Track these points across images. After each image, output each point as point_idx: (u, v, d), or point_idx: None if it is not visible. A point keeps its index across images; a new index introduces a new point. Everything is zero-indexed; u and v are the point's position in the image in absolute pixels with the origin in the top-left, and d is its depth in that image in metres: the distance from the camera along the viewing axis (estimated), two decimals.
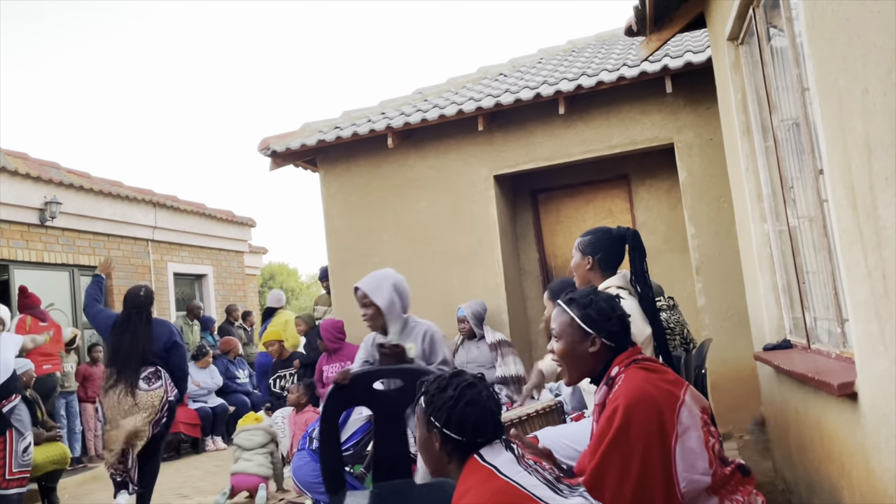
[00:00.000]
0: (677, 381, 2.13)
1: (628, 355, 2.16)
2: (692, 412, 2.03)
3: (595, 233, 3.09)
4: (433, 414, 1.92)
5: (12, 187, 8.00)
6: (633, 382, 2.05)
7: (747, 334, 5.24)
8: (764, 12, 3.43)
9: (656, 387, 2.04)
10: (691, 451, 1.98)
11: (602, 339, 2.16)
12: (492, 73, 7.92)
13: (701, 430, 2.01)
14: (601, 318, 2.16)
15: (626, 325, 2.21)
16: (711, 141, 5.82)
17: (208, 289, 11.71)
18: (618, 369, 2.13)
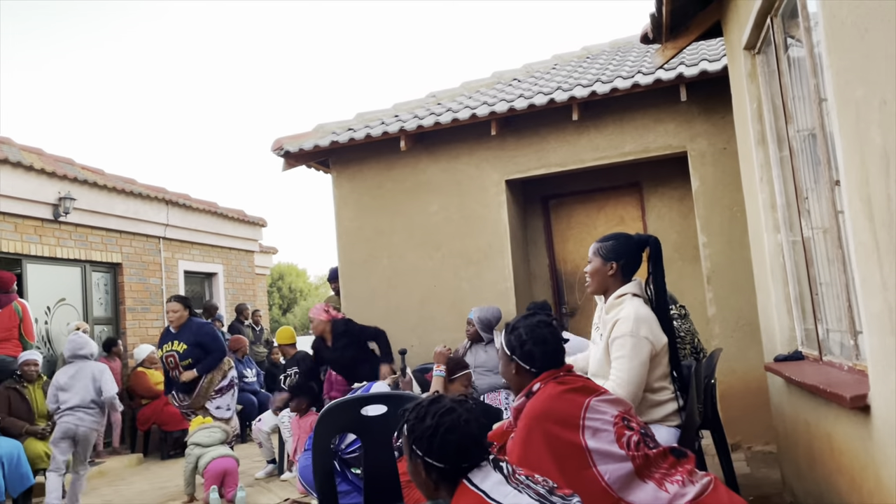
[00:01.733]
0: (586, 389, 2.32)
1: (551, 374, 2.36)
2: (600, 413, 2.22)
3: (617, 238, 3.05)
4: (415, 443, 1.94)
5: (27, 182, 8.06)
6: (538, 398, 2.29)
7: (757, 345, 5.21)
8: (782, 22, 3.42)
9: (560, 398, 2.24)
10: (602, 447, 2.15)
11: (518, 361, 2.41)
12: (506, 77, 7.93)
13: (612, 428, 2.19)
14: (517, 343, 2.43)
15: (547, 350, 2.39)
16: (725, 150, 5.80)
17: (218, 287, 11.75)
18: (539, 385, 2.34)
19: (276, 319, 29.56)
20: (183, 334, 6.31)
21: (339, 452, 4.11)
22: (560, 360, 2.42)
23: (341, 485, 3.99)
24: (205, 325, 6.50)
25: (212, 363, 6.35)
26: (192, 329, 6.36)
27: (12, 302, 7.29)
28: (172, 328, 6.39)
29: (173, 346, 6.29)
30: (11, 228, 7.99)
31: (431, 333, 6.48)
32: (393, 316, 6.71)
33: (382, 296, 6.78)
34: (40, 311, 8.34)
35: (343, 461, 4.12)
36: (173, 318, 6.34)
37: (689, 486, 2.13)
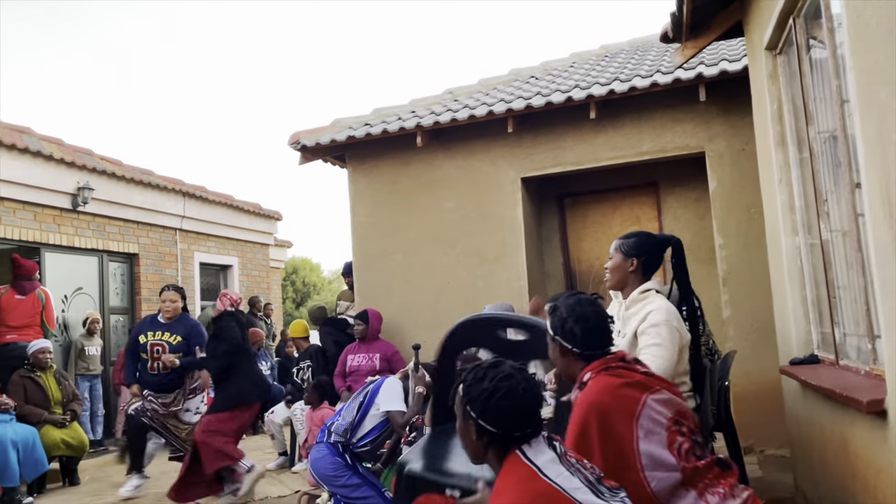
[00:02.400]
0: (642, 385, 2.17)
1: (603, 362, 2.22)
2: (656, 416, 2.10)
3: (639, 236, 3.08)
4: (469, 404, 1.90)
5: (47, 171, 8.14)
6: (592, 389, 2.15)
7: (772, 348, 5.17)
8: (804, 22, 3.39)
9: (613, 394, 2.11)
10: (654, 452, 2.04)
11: (560, 341, 2.29)
12: (523, 75, 7.91)
13: (664, 432, 2.08)
14: (559, 323, 2.31)
15: (588, 328, 2.26)
16: (743, 151, 5.76)
17: (233, 280, 11.82)
18: (589, 375, 2.20)
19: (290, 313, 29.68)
20: (176, 327, 5.92)
21: (351, 447, 4.13)
22: (606, 341, 2.29)
23: (352, 478, 4.01)
24: (198, 324, 6.10)
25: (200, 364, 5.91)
26: (186, 324, 5.98)
27: (36, 289, 7.39)
28: (163, 318, 5.97)
29: (163, 336, 5.87)
30: (31, 217, 8.08)
31: (444, 329, 6.44)
32: (406, 312, 6.72)
33: (396, 292, 6.80)
34: (57, 300, 8.43)
35: (354, 455, 4.14)
36: (169, 309, 5.94)
37: (729, 501, 2.05)
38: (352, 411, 4.14)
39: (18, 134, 8.52)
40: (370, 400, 4.13)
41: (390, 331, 6.61)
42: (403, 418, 3.99)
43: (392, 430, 4.12)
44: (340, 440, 4.10)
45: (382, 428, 4.13)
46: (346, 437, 4.10)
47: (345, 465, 4.04)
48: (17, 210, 7.90)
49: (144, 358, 5.84)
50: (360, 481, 3.99)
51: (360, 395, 4.21)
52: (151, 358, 5.82)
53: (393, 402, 4.04)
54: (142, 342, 5.85)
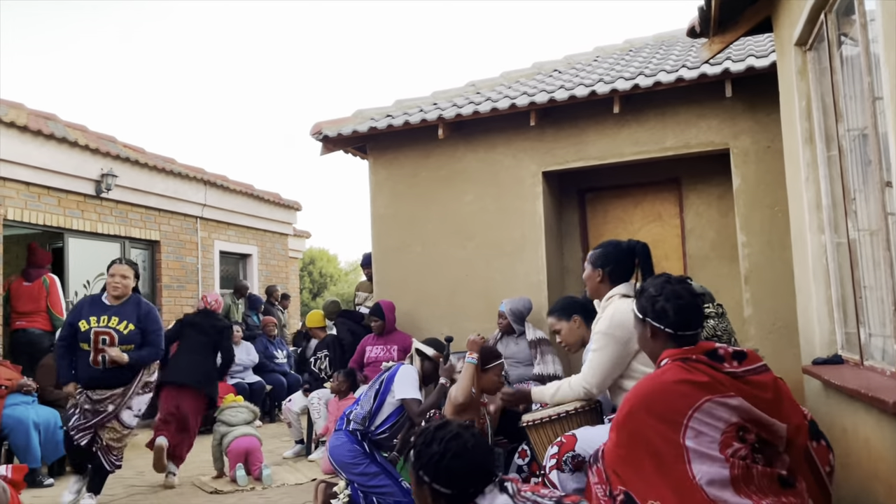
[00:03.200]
0: (708, 387, 2.10)
1: (685, 351, 2.17)
2: (713, 418, 2.05)
3: (606, 246, 3.21)
4: (422, 469, 1.93)
5: (71, 158, 8.23)
6: (651, 378, 2.13)
7: (793, 347, 5.12)
8: (836, 18, 3.34)
9: (665, 389, 2.08)
10: (701, 450, 2.01)
11: (651, 322, 2.24)
12: (546, 68, 7.87)
13: (719, 436, 2.03)
14: (648, 303, 2.27)
15: (681, 306, 2.22)
16: (769, 148, 5.70)
17: (252, 269, 11.90)
18: (666, 361, 2.17)
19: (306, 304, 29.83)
20: (126, 311, 4.96)
21: (370, 434, 4.14)
22: (698, 321, 2.25)
23: (370, 466, 4.03)
24: (153, 309, 5.18)
25: (150, 357, 5.06)
26: (138, 309, 5.02)
27: (42, 276, 7.52)
28: (110, 300, 4.98)
29: (111, 322, 4.88)
30: (55, 203, 8.18)
31: (461, 322, 6.49)
32: (424, 304, 6.73)
33: (414, 283, 6.81)
34: (79, 285, 8.54)
35: (373, 443, 4.16)
36: (118, 287, 4.92)
37: None
38: (369, 400, 4.16)
39: (44, 120, 8.62)
40: (386, 387, 4.14)
41: (407, 322, 6.63)
42: (419, 407, 4.00)
43: (409, 417, 4.15)
44: (359, 428, 4.12)
45: (399, 414, 4.14)
46: (364, 425, 4.11)
47: (363, 452, 4.06)
48: (41, 195, 8.00)
49: (85, 349, 4.84)
50: (378, 469, 4.01)
51: (377, 383, 4.22)
52: (95, 349, 4.83)
53: (407, 389, 4.05)
54: (83, 329, 4.83)
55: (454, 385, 3.69)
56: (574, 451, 2.91)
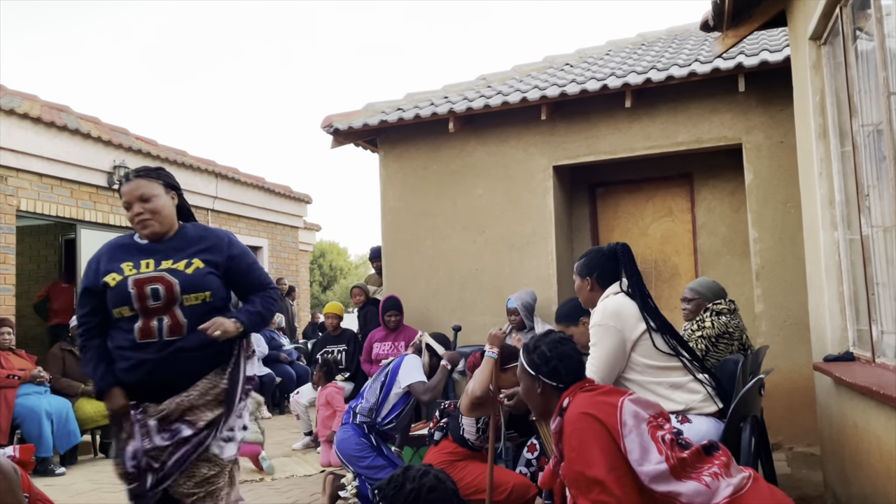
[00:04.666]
0: (615, 391, 2.35)
1: (577, 386, 2.37)
2: (632, 413, 2.22)
3: (587, 254, 3.25)
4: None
5: (84, 150, 8.28)
6: (574, 406, 2.29)
7: (804, 344, 5.10)
8: (851, 12, 3.31)
9: (594, 402, 2.26)
10: (639, 446, 2.15)
11: (543, 379, 2.40)
12: (558, 62, 7.84)
13: (646, 427, 2.19)
14: (541, 361, 2.42)
15: (571, 365, 2.41)
16: (782, 143, 5.66)
17: (262, 261, 11.94)
18: (568, 399, 2.33)
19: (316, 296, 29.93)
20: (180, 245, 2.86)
21: (377, 426, 4.16)
22: (582, 373, 2.45)
23: (377, 459, 4.05)
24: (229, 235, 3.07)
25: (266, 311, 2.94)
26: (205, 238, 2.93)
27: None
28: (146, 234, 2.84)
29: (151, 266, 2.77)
30: (67, 194, 8.23)
31: (471, 316, 6.50)
32: (434, 297, 6.73)
33: (424, 277, 6.81)
34: None
35: (380, 435, 4.18)
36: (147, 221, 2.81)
37: (726, 479, 2.12)
38: (375, 392, 4.19)
39: (57, 112, 8.68)
40: (391, 379, 4.17)
41: (417, 316, 6.64)
42: (424, 387, 4.05)
43: (413, 404, 4.18)
44: (366, 420, 4.14)
45: (405, 403, 4.18)
46: (371, 418, 4.14)
47: (370, 446, 4.08)
48: (54, 187, 8.05)
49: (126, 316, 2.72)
50: (385, 462, 4.02)
51: (382, 375, 4.25)
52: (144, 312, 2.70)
53: (413, 375, 4.10)
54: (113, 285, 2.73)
55: (471, 380, 3.68)
56: None
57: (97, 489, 5.49)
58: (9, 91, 8.49)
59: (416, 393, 4.10)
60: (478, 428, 3.74)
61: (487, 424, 3.67)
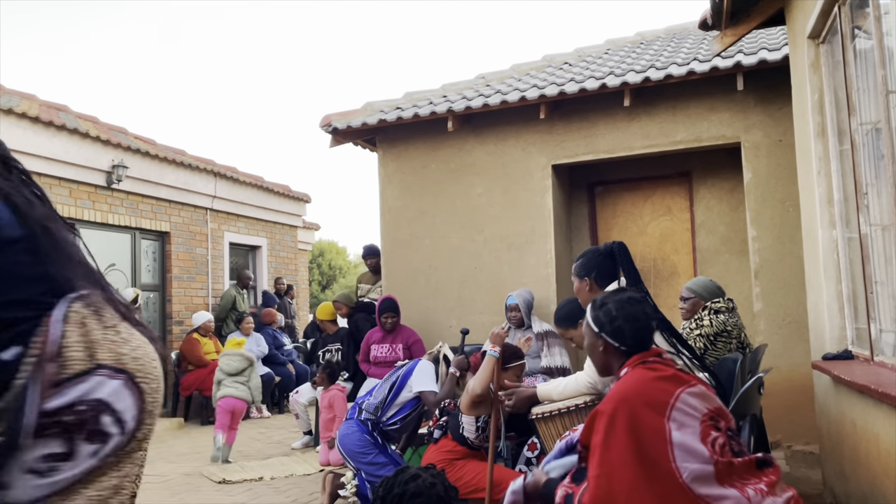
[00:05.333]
0: (677, 379, 2.18)
1: (640, 357, 2.24)
2: (690, 407, 2.10)
3: (584, 255, 3.25)
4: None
5: (82, 149, 8.27)
6: (626, 381, 2.17)
7: (803, 343, 5.10)
8: (849, 10, 3.31)
9: (646, 386, 2.13)
10: (686, 442, 2.03)
11: (606, 338, 2.29)
12: (556, 61, 7.84)
13: (698, 426, 2.07)
14: (606, 319, 2.30)
15: (637, 328, 2.28)
16: (781, 142, 5.66)
17: (261, 260, 11.94)
18: (626, 370, 2.23)
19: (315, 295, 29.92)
20: None
21: (381, 424, 4.17)
22: (649, 341, 2.32)
23: (378, 457, 4.05)
24: None
25: None
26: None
27: None
28: None
29: None
30: (66, 193, 8.22)
31: (470, 315, 6.50)
32: (433, 296, 6.73)
33: (423, 276, 6.81)
34: None
35: (383, 433, 4.19)
36: None
37: (771, 498, 2.00)
38: (383, 391, 4.19)
39: (56, 111, 8.67)
40: (402, 382, 4.17)
41: (416, 315, 6.64)
42: (435, 398, 4.03)
43: (421, 410, 4.17)
44: (371, 418, 4.15)
45: (412, 407, 4.18)
46: (376, 415, 4.15)
47: (373, 443, 4.08)
48: (53, 186, 8.04)
49: None
50: (387, 460, 4.03)
51: (393, 377, 4.25)
52: None
53: (425, 382, 4.09)
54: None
55: (473, 377, 3.68)
56: None
57: None
58: (7, 90, 8.48)
59: (427, 401, 4.10)
60: (477, 427, 3.74)
61: (487, 423, 3.67)
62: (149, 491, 5.48)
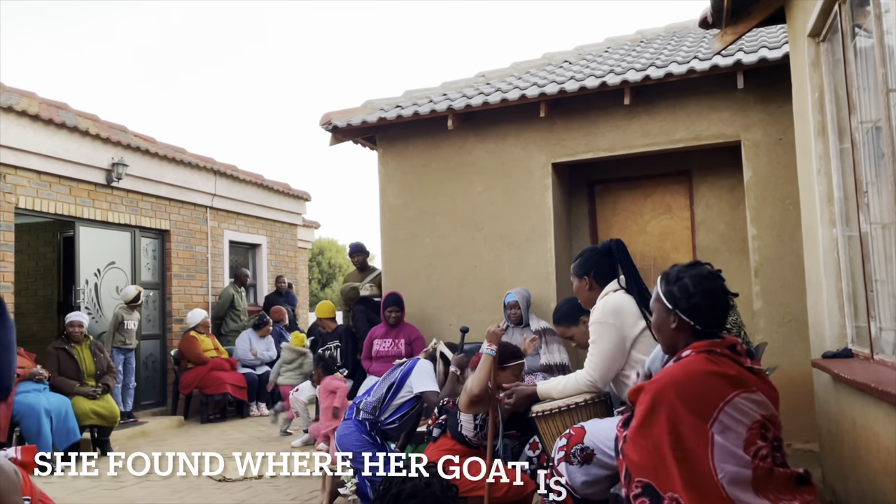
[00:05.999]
0: (737, 381, 2.05)
1: (710, 344, 2.10)
2: (741, 413, 2.00)
3: (582, 254, 3.25)
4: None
5: (82, 147, 8.25)
6: (679, 366, 2.05)
7: (803, 341, 5.10)
8: (850, 9, 3.31)
9: (698, 380, 2.01)
10: (727, 446, 1.96)
11: (680, 315, 2.14)
12: (556, 59, 7.83)
13: (745, 432, 1.98)
14: (682, 295, 2.15)
15: (714, 305, 2.14)
16: (781, 141, 5.66)
17: (261, 259, 11.92)
18: (689, 352, 2.10)
19: (315, 294, 29.93)
20: None
21: (379, 424, 4.17)
22: (724, 320, 2.20)
23: (377, 456, 4.04)
24: None
25: None
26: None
27: None
28: None
29: None
30: (66, 191, 8.21)
31: (470, 314, 6.50)
32: (433, 295, 6.74)
33: (423, 274, 6.81)
34: (90, 273, 8.59)
35: (382, 433, 4.18)
36: None
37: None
38: (381, 391, 4.18)
39: (56, 109, 8.65)
40: (401, 381, 4.16)
41: (416, 313, 6.64)
42: (438, 398, 4.03)
43: (420, 408, 4.17)
44: (369, 417, 4.14)
45: (411, 406, 4.17)
46: (374, 415, 4.14)
47: (371, 443, 4.08)
48: (52, 184, 8.03)
49: None
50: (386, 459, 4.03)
51: (392, 376, 4.24)
52: None
53: (426, 382, 4.08)
54: None
55: (470, 377, 3.67)
56: (583, 443, 2.91)
57: (96, 486, 5.49)
58: (7, 88, 8.47)
59: (430, 402, 4.08)
60: (475, 425, 3.74)
61: (485, 421, 3.67)
62: (149, 489, 5.48)
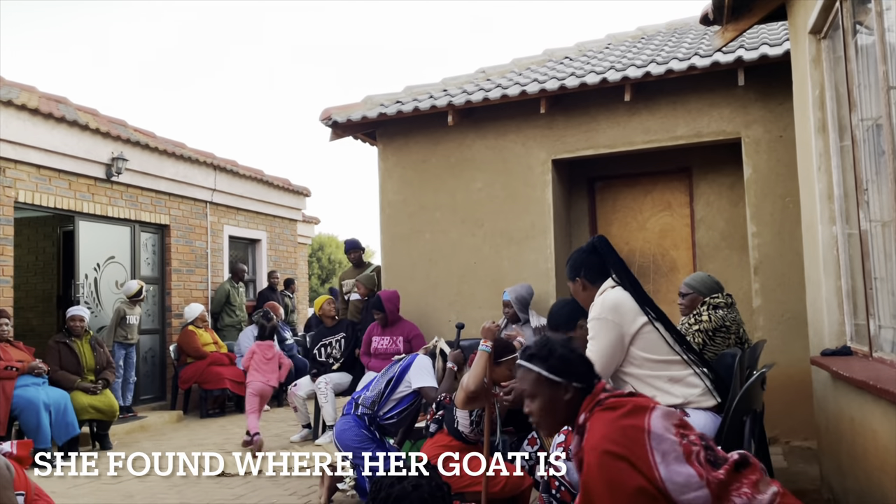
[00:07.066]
0: (639, 408, 2.10)
1: (592, 398, 2.16)
2: (663, 434, 2.02)
3: (571, 257, 3.26)
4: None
5: (82, 141, 8.24)
6: (594, 433, 2.06)
7: (802, 339, 5.10)
8: (851, 6, 3.30)
9: (617, 429, 2.03)
10: (676, 471, 1.96)
11: (573, 384, 2.19)
12: (557, 55, 7.82)
13: (679, 447, 2.00)
14: (565, 365, 2.21)
15: (589, 362, 2.26)
16: (781, 138, 5.65)
17: (261, 254, 11.92)
18: (584, 416, 2.13)
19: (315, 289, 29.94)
20: None
21: (378, 419, 4.17)
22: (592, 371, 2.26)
23: (376, 451, 4.05)
24: None
25: None
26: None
27: None
28: None
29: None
30: (66, 186, 8.20)
31: (470, 310, 6.50)
32: (432, 291, 6.74)
33: (423, 270, 6.81)
34: (90, 268, 8.59)
35: (380, 428, 4.19)
36: None
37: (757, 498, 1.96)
38: (380, 386, 4.19)
39: (55, 103, 8.64)
40: (400, 377, 4.18)
41: (415, 310, 6.64)
42: (436, 393, 4.04)
43: (418, 404, 4.18)
44: (367, 412, 4.15)
45: (409, 401, 4.19)
46: (373, 410, 4.15)
47: (370, 437, 4.09)
48: (52, 178, 8.03)
49: None
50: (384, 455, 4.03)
51: (390, 372, 4.25)
52: None
53: (425, 378, 4.10)
54: None
55: (466, 373, 3.68)
56: None
57: (95, 481, 5.50)
58: (6, 82, 8.45)
59: (429, 397, 4.10)
60: (471, 421, 3.75)
61: (481, 417, 3.67)
62: (148, 484, 5.49)
